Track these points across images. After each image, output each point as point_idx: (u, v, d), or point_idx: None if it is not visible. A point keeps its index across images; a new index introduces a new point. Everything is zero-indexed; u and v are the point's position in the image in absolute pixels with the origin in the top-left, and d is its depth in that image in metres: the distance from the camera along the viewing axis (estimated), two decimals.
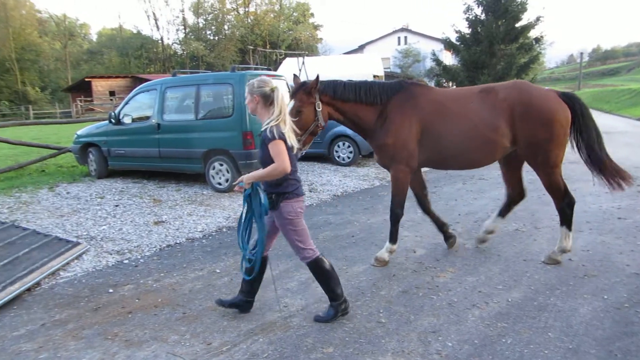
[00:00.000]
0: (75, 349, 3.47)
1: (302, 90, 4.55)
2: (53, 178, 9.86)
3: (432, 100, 4.75)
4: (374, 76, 21.17)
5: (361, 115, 4.74)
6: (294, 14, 61.57)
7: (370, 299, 4.17)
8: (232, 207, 7.45)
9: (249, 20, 59.15)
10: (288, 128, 3.46)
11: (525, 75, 24.68)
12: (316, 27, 64.01)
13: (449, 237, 5.41)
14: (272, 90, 3.47)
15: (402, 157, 4.68)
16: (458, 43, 26.68)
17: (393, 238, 4.99)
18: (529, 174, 5.17)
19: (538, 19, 24.51)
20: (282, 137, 3.38)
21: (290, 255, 5.25)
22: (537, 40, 25.45)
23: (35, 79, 53.99)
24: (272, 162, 3.36)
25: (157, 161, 9.00)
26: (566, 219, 4.80)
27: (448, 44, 27.41)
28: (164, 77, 10.01)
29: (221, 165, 8.41)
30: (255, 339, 3.53)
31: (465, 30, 26.22)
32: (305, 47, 51.40)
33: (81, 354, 3.41)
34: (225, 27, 60.80)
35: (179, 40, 62.85)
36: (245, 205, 3.58)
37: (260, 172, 3.41)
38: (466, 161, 4.87)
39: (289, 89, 9.58)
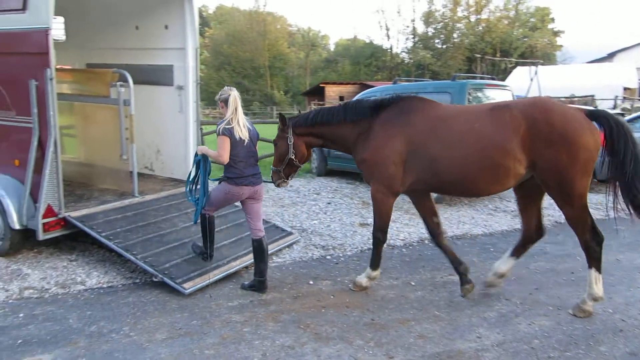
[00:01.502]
0: (272, 330, 3.77)
1: (280, 125, 4.64)
2: None
3: (429, 118, 4.16)
4: (625, 89, 18.23)
5: (340, 134, 4.47)
6: (532, 19, 57.11)
7: (584, 354, 3.51)
8: None
9: (480, 28, 57.10)
10: (241, 125, 4.30)
11: None
12: (556, 34, 58.14)
13: (465, 282, 4.45)
14: (228, 96, 4.30)
15: (381, 176, 4.26)
16: None
17: (374, 264, 4.53)
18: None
19: None
20: (226, 134, 4.24)
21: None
22: None
23: (281, 83, 61.89)
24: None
25: None
26: (595, 260, 3.97)
27: None
28: (386, 85, 10.29)
29: None
30: None
31: None
32: (541, 56, 47.25)
33: (276, 336, 3.69)
34: (454, 35, 59.89)
35: (407, 49, 64.34)
36: (194, 167, 4.63)
37: (211, 152, 4.46)
38: (468, 189, 4.22)
39: (513, 99, 8.88)
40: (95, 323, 3.82)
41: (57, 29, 5.08)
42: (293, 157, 4.52)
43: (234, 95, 4.32)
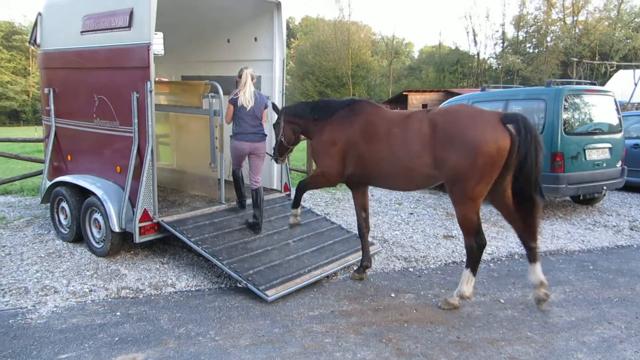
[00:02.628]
0: (353, 343, 3.72)
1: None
2: None
3: (366, 121, 4.67)
4: None
5: (310, 128, 5.13)
6: (636, 19, 52.63)
7: None
8: None
9: (577, 31, 53.54)
10: (247, 96, 5.54)
11: None
12: None
13: (359, 271, 5.15)
14: (242, 73, 5.59)
15: (322, 164, 4.95)
16: None
17: (296, 204, 5.12)
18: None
19: None
20: (230, 102, 5.57)
21: (592, 303, 4.45)
22: None
23: (363, 92, 61.94)
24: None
25: None
26: (472, 261, 4.35)
27: None
28: (473, 92, 9.91)
29: None
30: None
31: None
32: None
33: (357, 349, 3.63)
34: (548, 38, 56.68)
35: (495, 55, 61.88)
36: None
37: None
38: (391, 184, 4.80)
39: (617, 106, 8.19)
40: (184, 325, 3.98)
41: (157, 44, 5.43)
42: (282, 139, 5.30)
43: (246, 72, 5.57)
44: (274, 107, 5.51)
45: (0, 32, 64.58)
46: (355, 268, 5.27)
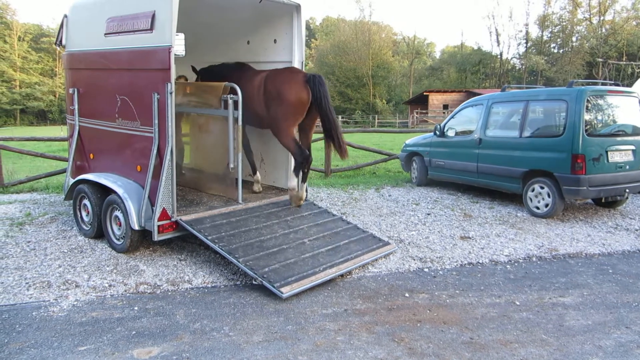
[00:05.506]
0: (366, 342, 3.74)
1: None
2: (381, 180, 11.02)
3: (240, 76, 6.40)
4: None
5: None
6: None
7: None
8: (548, 236, 6.71)
9: (604, 30, 52.43)
10: None
11: None
12: None
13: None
14: None
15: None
16: None
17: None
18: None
19: None
20: None
21: (610, 307, 4.39)
22: None
23: (383, 92, 61.78)
24: None
25: (474, 176, 8.93)
26: (298, 169, 6.21)
27: None
28: (494, 92, 9.83)
29: (542, 188, 7.70)
30: None
31: None
32: None
33: (369, 347, 3.65)
34: (573, 38, 55.67)
35: (519, 55, 61.05)
36: None
37: None
38: (256, 124, 6.68)
39: None
40: (199, 320, 4.07)
41: (178, 45, 5.54)
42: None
43: None
44: (193, 68, 6.98)
45: (29, 34, 66.35)
46: (369, 267, 5.30)
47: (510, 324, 4.09)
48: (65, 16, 6.84)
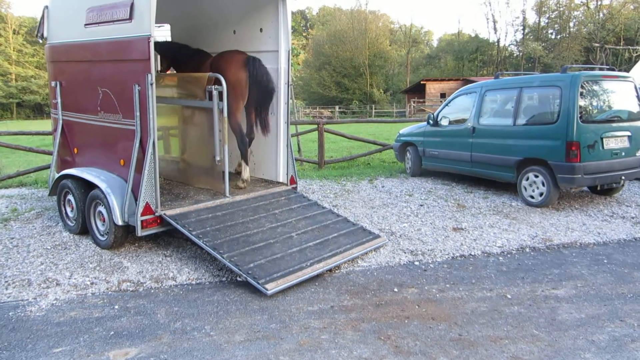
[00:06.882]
0: (351, 340, 3.63)
1: None
2: (374, 171, 10.88)
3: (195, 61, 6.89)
4: None
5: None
6: None
7: None
8: (542, 225, 6.59)
9: (601, 15, 52.02)
10: None
11: None
12: None
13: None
14: None
15: None
16: None
17: None
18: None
19: None
20: None
21: (604, 299, 4.28)
22: None
23: (381, 82, 61.37)
24: None
25: (467, 165, 8.79)
26: (245, 154, 6.56)
27: None
28: (487, 79, 9.66)
29: (536, 176, 7.56)
30: None
31: None
32: None
33: (354, 346, 3.54)
34: (571, 24, 55.27)
35: (516, 42, 60.69)
36: None
37: None
38: None
39: (637, 92, 7.88)
40: (180, 320, 3.95)
41: (164, 36, 5.38)
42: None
43: None
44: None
45: (24, 27, 65.75)
46: (358, 262, 5.19)
47: (501, 319, 3.97)
48: (46, 7, 6.65)
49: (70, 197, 6.13)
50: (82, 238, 5.99)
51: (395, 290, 4.57)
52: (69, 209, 6.24)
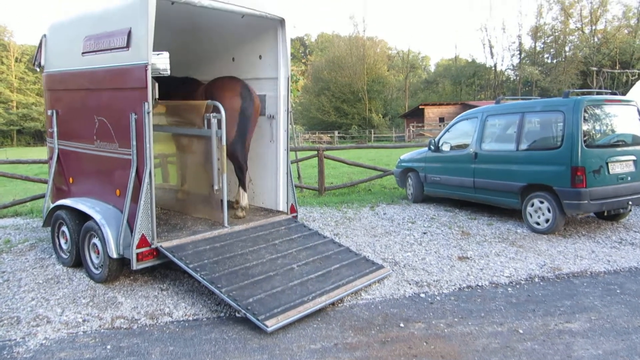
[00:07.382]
0: None
1: None
2: (376, 197, 10.73)
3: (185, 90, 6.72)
4: None
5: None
6: None
7: None
8: (550, 253, 6.40)
9: (596, 39, 52.68)
10: None
11: None
12: None
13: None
14: None
15: None
16: None
17: None
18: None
19: None
20: None
21: (621, 333, 4.07)
22: None
23: (379, 106, 61.74)
24: None
25: (470, 191, 8.65)
26: (243, 182, 6.48)
27: None
28: (488, 104, 9.59)
29: (541, 202, 7.41)
30: None
31: None
32: None
33: None
34: (566, 48, 55.94)
35: (513, 66, 61.33)
36: None
37: None
38: None
39: (639, 115, 7.80)
40: None
41: (163, 64, 5.29)
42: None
43: None
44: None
45: (26, 55, 66.50)
46: (362, 294, 4.99)
47: (515, 356, 3.76)
48: (44, 36, 6.61)
49: (64, 228, 5.96)
50: (76, 271, 5.79)
51: (402, 325, 4.36)
52: (62, 241, 6.06)
